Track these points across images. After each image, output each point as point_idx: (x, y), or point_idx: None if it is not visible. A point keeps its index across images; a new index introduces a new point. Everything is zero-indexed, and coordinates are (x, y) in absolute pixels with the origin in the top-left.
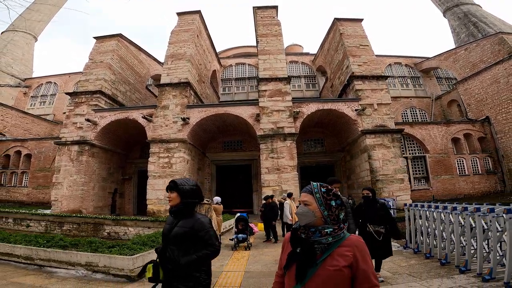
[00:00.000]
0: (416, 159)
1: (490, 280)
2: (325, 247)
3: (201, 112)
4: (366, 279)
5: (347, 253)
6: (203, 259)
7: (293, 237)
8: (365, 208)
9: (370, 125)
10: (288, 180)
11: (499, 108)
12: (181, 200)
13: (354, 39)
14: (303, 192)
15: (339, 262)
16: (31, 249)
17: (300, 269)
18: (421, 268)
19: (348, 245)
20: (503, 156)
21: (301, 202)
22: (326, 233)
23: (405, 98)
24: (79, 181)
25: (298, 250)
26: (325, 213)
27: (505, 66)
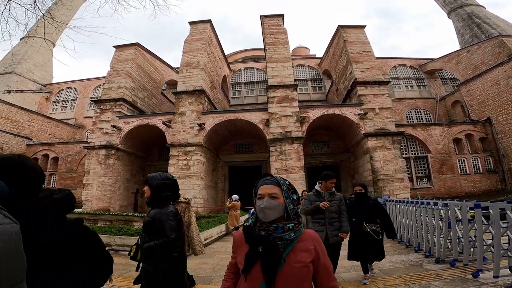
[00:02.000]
0: (418, 159)
1: (429, 256)
2: (287, 243)
3: (215, 118)
4: (328, 274)
5: (310, 247)
6: (158, 247)
7: (250, 235)
8: (359, 206)
9: (372, 128)
10: (295, 180)
11: (499, 109)
12: (152, 193)
13: (357, 45)
14: (268, 183)
15: (304, 257)
16: (108, 237)
17: (268, 268)
18: (391, 249)
19: (307, 239)
20: (503, 155)
21: (265, 195)
22: (289, 228)
23: (410, 99)
24: (107, 182)
25: (260, 249)
26: (290, 207)
27: (505, 68)
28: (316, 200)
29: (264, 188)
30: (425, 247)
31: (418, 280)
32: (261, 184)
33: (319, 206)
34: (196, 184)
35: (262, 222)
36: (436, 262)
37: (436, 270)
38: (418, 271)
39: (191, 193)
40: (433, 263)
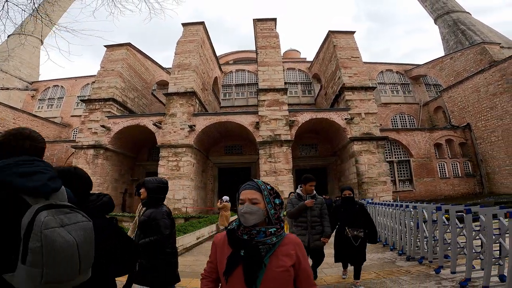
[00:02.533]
0: (401, 163)
1: (402, 254)
2: (269, 247)
3: (206, 120)
4: (308, 278)
5: (291, 252)
6: (153, 242)
7: (233, 238)
8: (344, 210)
9: (358, 132)
10: (284, 182)
11: (479, 116)
12: (148, 195)
13: (346, 51)
14: (248, 189)
15: (285, 262)
16: None
17: (250, 272)
18: (370, 248)
19: (289, 243)
20: (481, 160)
21: (246, 200)
22: (271, 232)
23: (395, 104)
24: (95, 182)
25: (242, 252)
26: (271, 212)
27: (485, 75)
28: (298, 203)
29: (245, 193)
30: (399, 246)
31: (390, 275)
32: (242, 189)
33: (304, 204)
34: (186, 185)
35: (245, 226)
36: (407, 260)
37: (406, 266)
38: (391, 267)
39: (181, 194)
40: (404, 260)
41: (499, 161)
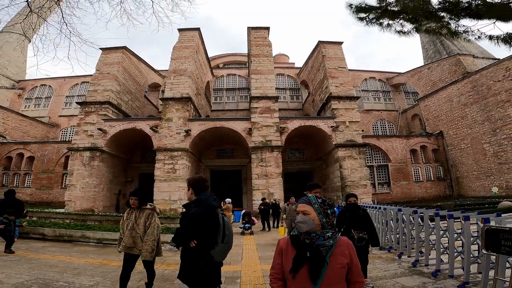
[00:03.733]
0: (380, 167)
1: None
2: (328, 248)
3: (201, 125)
4: (358, 272)
5: (345, 252)
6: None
7: (297, 242)
8: (349, 215)
9: (342, 139)
10: (274, 185)
11: (450, 124)
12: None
13: (334, 61)
14: (301, 203)
15: (342, 260)
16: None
17: (314, 269)
18: None
19: (343, 244)
20: (452, 165)
21: (300, 212)
22: (328, 236)
23: (377, 111)
24: (91, 184)
25: (308, 254)
26: (323, 220)
27: (458, 86)
28: None
29: (300, 206)
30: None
31: None
32: (299, 203)
33: None
34: (182, 187)
35: (305, 232)
36: (380, 249)
37: (378, 253)
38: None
39: (177, 195)
40: (377, 249)
41: (468, 167)
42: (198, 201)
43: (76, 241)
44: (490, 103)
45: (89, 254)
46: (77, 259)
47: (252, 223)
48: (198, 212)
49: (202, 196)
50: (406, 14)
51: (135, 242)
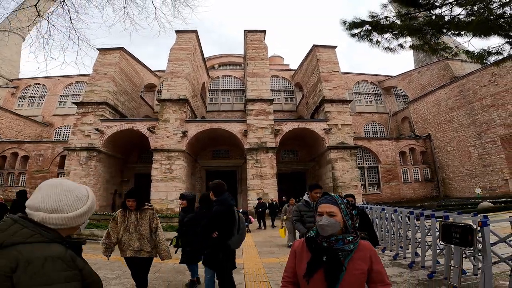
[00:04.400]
0: (371, 169)
1: None
2: (347, 253)
3: (198, 126)
4: (382, 280)
5: (366, 257)
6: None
7: (313, 246)
8: None
9: (335, 142)
10: (269, 185)
11: (438, 127)
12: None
13: (328, 65)
14: (326, 202)
15: (361, 265)
16: None
17: (331, 275)
18: None
19: (363, 249)
20: (438, 167)
21: (324, 212)
22: (349, 241)
23: (368, 113)
24: (88, 183)
25: (324, 258)
26: (349, 223)
27: (446, 90)
28: (305, 210)
29: (323, 207)
30: None
31: None
32: (320, 202)
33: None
34: (178, 187)
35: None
36: None
37: None
38: None
39: (173, 195)
40: None
41: (453, 168)
42: (220, 201)
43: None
44: (476, 107)
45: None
46: (92, 255)
47: (249, 221)
48: (220, 210)
49: (222, 197)
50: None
51: (141, 245)
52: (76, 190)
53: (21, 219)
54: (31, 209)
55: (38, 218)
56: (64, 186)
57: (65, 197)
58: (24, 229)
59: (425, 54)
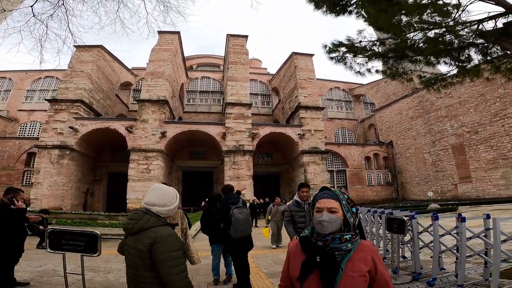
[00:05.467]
0: (339, 172)
1: None
2: (344, 253)
3: (177, 128)
4: (386, 282)
5: (367, 258)
6: None
7: (306, 245)
8: None
9: (308, 146)
10: (246, 187)
11: (399, 135)
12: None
13: (304, 72)
14: (326, 197)
15: (361, 267)
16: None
17: (326, 277)
18: None
19: (364, 249)
20: (398, 172)
21: (324, 208)
22: (346, 239)
23: (339, 119)
24: (59, 182)
25: (318, 258)
26: (351, 220)
27: (407, 100)
28: (297, 210)
29: (324, 202)
30: None
31: None
32: (319, 197)
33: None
34: None
35: (319, 233)
36: None
37: None
38: None
39: None
40: None
41: (411, 173)
42: (221, 201)
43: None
44: (432, 118)
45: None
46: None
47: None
48: (219, 208)
49: (223, 198)
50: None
51: None
52: (171, 191)
53: (147, 211)
54: (148, 204)
55: (154, 210)
56: (165, 189)
57: (168, 196)
58: (152, 218)
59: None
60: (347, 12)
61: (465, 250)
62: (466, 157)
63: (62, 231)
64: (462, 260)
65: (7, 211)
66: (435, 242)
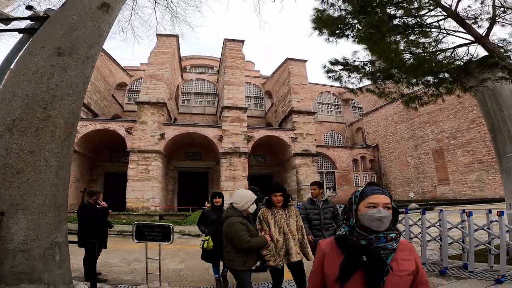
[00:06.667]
0: (328, 174)
1: None
2: (389, 252)
3: (175, 130)
4: (425, 280)
5: (409, 257)
6: None
7: (347, 244)
8: None
9: (300, 149)
10: (241, 187)
11: (385, 139)
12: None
13: (298, 77)
14: (381, 193)
15: (407, 266)
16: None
17: (373, 277)
18: None
19: (405, 249)
20: (383, 173)
21: (380, 204)
22: (392, 238)
23: (328, 122)
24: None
25: (364, 258)
26: (395, 217)
27: (393, 106)
28: (311, 208)
29: (379, 197)
30: None
31: None
32: (372, 192)
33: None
34: (155, 187)
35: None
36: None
37: None
38: None
39: (149, 194)
40: None
41: (394, 175)
42: None
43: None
44: (415, 123)
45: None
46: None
47: None
48: None
49: None
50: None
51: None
52: (242, 193)
53: (231, 207)
54: (234, 203)
55: (236, 206)
56: (240, 192)
57: (238, 197)
58: (232, 211)
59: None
60: (345, 36)
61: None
62: (445, 161)
63: (145, 224)
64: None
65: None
66: (423, 233)
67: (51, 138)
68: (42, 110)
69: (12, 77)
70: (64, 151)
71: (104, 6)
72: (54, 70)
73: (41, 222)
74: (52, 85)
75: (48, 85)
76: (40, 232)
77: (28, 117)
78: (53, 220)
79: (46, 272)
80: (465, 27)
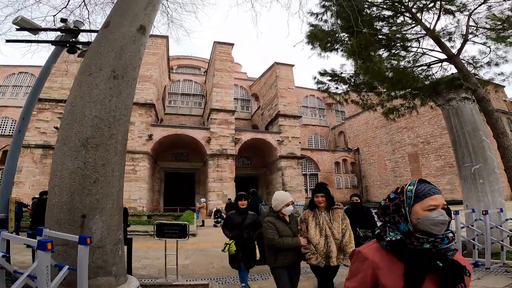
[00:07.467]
0: (312, 176)
1: None
2: (453, 253)
3: (163, 131)
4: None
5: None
6: None
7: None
8: (355, 214)
9: (285, 152)
10: (228, 188)
11: (365, 142)
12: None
13: (285, 82)
14: (438, 193)
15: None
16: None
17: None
18: None
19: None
20: (363, 176)
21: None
22: (452, 238)
23: (313, 125)
24: (43, 182)
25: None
26: None
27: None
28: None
29: (439, 198)
30: None
31: None
32: (433, 192)
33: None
34: (142, 187)
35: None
36: None
37: None
38: None
39: (137, 195)
40: None
41: (373, 178)
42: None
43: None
44: (393, 128)
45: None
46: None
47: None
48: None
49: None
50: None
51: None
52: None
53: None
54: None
55: (273, 207)
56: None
57: (274, 199)
58: (270, 211)
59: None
60: (335, 49)
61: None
62: (419, 164)
63: (165, 223)
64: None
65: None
66: None
67: (115, 153)
68: (108, 129)
69: (78, 97)
70: (123, 163)
71: (141, 29)
72: (113, 93)
73: (111, 222)
74: (112, 107)
75: (109, 106)
76: (111, 230)
77: (98, 135)
78: (118, 220)
79: (115, 265)
80: (441, 45)
